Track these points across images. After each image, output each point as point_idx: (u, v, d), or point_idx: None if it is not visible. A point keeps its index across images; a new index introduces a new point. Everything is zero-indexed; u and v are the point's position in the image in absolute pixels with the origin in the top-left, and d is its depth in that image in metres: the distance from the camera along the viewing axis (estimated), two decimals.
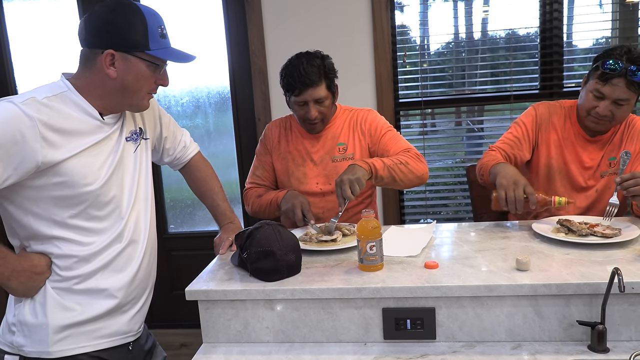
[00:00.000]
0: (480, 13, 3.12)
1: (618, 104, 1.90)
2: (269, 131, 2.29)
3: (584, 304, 1.39)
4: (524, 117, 2.15)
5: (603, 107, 1.91)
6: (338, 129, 2.18)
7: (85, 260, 1.45)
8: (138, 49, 1.40)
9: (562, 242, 1.68)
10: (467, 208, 3.28)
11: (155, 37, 1.42)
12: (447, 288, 1.41)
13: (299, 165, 2.19)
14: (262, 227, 1.59)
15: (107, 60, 1.39)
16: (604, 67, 1.87)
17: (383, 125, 2.17)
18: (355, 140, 2.17)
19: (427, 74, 3.17)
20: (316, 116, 2.06)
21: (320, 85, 2.03)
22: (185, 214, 3.51)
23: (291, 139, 2.23)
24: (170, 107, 3.35)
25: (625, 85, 1.85)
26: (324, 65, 2.05)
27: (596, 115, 1.94)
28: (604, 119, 1.93)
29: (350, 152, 2.15)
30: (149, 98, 1.51)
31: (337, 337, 1.50)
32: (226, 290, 1.50)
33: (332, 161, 2.16)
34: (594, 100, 1.93)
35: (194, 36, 3.21)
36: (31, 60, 3.37)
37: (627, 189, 1.74)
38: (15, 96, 1.34)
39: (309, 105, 2.04)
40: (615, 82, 1.86)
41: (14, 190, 1.36)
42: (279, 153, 2.23)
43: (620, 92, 1.87)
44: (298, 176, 2.18)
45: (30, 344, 1.43)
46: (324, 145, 2.18)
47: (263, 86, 3.11)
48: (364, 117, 2.19)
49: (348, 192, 1.80)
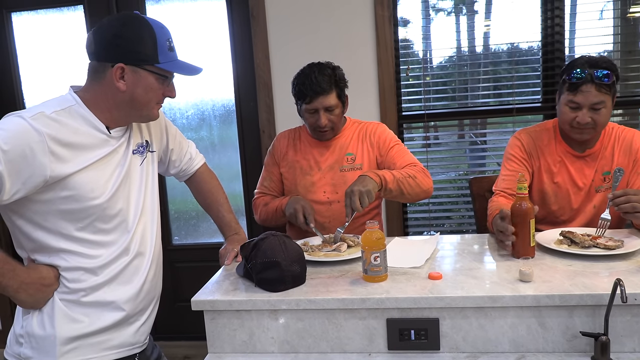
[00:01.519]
0: (482, 27, 3.15)
1: (595, 108, 1.93)
2: (278, 142, 2.33)
3: (587, 315, 1.39)
4: (511, 150, 2.17)
5: (582, 116, 1.94)
6: (347, 140, 2.23)
7: (92, 273, 1.46)
8: (147, 63, 1.43)
9: (565, 253, 1.69)
10: (470, 220, 3.29)
11: (164, 50, 1.44)
12: (451, 299, 1.42)
13: (306, 173, 2.22)
14: (268, 238, 1.60)
15: (117, 73, 1.41)
16: (571, 78, 1.93)
17: (392, 139, 2.23)
18: (364, 151, 2.21)
19: (430, 87, 3.19)
20: (326, 124, 2.11)
21: (331, 93, 2.09)
22: (189, 226, 3.52)
23: (300, 148, 2.27)
24: (176, 119, 3.37)
25: (596, 89, 1.90)
26: (335, 74, 2.12)
27: (578, 125, 1.97)
28: (587, 126, 1.96)
29: (358, 163, 2.20)
30: (158, 108, 1.54)
31: (342, 348, 1.51)
32: (232, 301, 1.52)
33: (340, 170, 2.19)
34: (572, 112, 1.97)
35: (199, 49, 3.24)
36: (39, 74, 3.40)
37: (619, 206, 1.76)
38: (24, 111, 1.36)
39: (319, 113, 2.10)
40: (584, 89, 1.91)
41: (22, 204, 1.37)
42: (286, 162, 2.27)
43: (593, 97, 1.91)
44: (305, 185, 2.21)
45: (38, 356, 1.43)
46: (332, 154, 2.22)
47: (267, 99, 3.14)
48: (374, 129, 2.25)
49: (357, 203, 1.82)
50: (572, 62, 1.98)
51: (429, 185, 2.07)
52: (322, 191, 2.20)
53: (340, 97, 2.14)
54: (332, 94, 2.10)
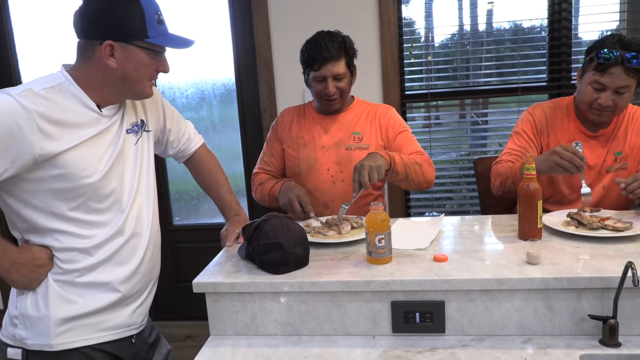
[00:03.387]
0: (485, 5, 3.09)
1: (619, 92, 1.88)
2: (282, 117, 2.29)
3: (596, 298, 1.37)
4: (523, 125, 2.12)
5: (605, 98, 1.89)
6: (354, 118, 2.18)
7: (86, 253, 1.44)
8: (137, 38, 1.38)
9: (572, 235, 1.66)
10: (472, 201, 3.27)
11: (153, 24, 1.40)
12: (457, 281, 1.40)
13: (310, 150, 2.17)
14: (270, 220, 1.57)
15: (106, 51, 1.37)
16: (599, 57, 1.86)
17: (401, 124, 2.18)
18: (372, 132, 2.16)
19: (432, 67, 3.14)
20: (334, 92, 2.07)
21: (340, 61, 2.04)
22: (190, 207, 3.50)
23: (304, 124, 2.22)
24: (175, 99, 3.33)
25: (624, 72, 1.84)
26: (345, 42, 2.07)
27: (598, 107, 1.92)
28: (607, 109, 1.92)
29: (365, 143, 2.14)
30: (151, 85, 1.50)
31: (346, 331, 1.49)
32: (234, 283, 1.49)
33: (345, 149, 2.14)
34: (594, 93, 1.91)
35: (199, 28, 3.19)
36: (36, 53, 3.35)
37: (633, 192, 1.73)
38: (11, 88, 1.33)
39: (327, 80, 2.05)
40: (613, 71, 1.85)
41: (13, 182, 1.34)
42: (290, 138, 2.22)
43: (621, 80, 1.85)
44: (309, 161, 2.16)
45: (33, 337, 1.42)
46: (338, 131, 2.17)
47: (269, 78, 3.09)
48: (384, 112, 2.20)
49: (366, 177, 1.77)
50: (602, 40, 1.90)
51: (432, 176, 2.05)
52: (326, 168, 2.15)
53: (349, 66, 2.09)
54: (342, 61, 2.05)
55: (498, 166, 2.09)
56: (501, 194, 2.08)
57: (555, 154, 1.77)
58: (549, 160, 1.79)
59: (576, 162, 1.74)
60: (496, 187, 2.09)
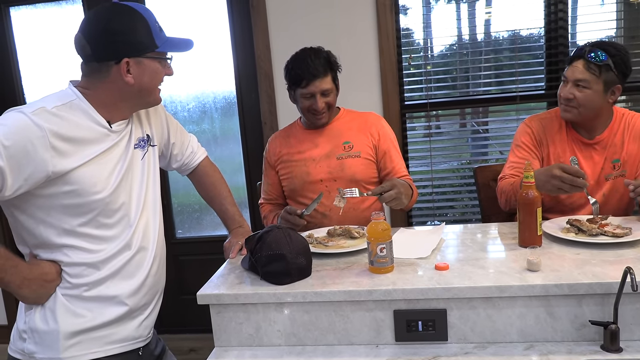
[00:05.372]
0: (483, 14, 3.12)
1: (578, 85, 1.93)
2: (270, 145, 2.33)
3: (596, 303, 1.38)
4: (522, 137, 2.14)
5: (565, 90, 1.97)
6: (342, 128, 2.21)
7: (94, 268, 1.45)
8: (149, 50, 1.43)
9: (572, 242, 1.68)
10: (474, 210, 3.28)
11: (158, 34, 1.44)
12: (458, 289, 1.41)
13: (301, 165, 2.20)
14: (272, 231, 1.59)
15: (124, 69, 1.40)
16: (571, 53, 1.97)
17: (391, 138, 2.24)
18: (363, 140, 2.19)
19: (431, 76, 3.17)
20: (323, 107, 2.11)
21: (327, 77, 2.09)
22: (192, 219, 3.52)
23: (293, 143, 2.25)
24: (177, 112, 3.36)
25: (583, 66, 1.91)
26: (329, 57, 2.12)
27: (562, 101, 1.99)
28: (569, 103, 1.97)
29: (356, 151, 2.18)
30: (159, 91, 1.54)
31: (349, 340, 1.50)
32: (237, 294, 1.51)
33: (337, 159, 2.17)
34: (562, 86, 2.00)
35: (199, 41, 3.20)
36: (39, 68, 3.38)
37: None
38: (25, 106, 1.35)
39: (315, 97, 2.08)
40: (575, 64, 1.94)
41: (25, 199, 1.36)
42: (282, 162, 2.25)
43: (579, 73, 1.92)
44: (302, 176, 2.19)
45: (42, 351, 1.43)
46: (327, 143, 2.20)
47: (269, 90, 3.11)
48: (375, 121, 2.25)
49: (387, 200, 1.82)
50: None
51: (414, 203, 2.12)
52: (319, 180, 2.17)
53: (334, 81, 2.13)
54: (328, 77, 2.09)
55: (502, 183, 2.10)
56: (509, 210, 2.10)
57: (556, 179, 1.75)
58: (551, 184, 1.77)
59: (578, 183, 1.74)
60: (503, 204, 2.10)
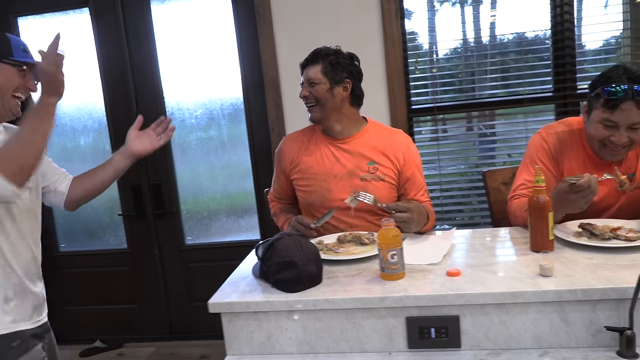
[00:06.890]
0: (488, 17, 3.11)
1: (633, 128, 1.76)
2: (285, 146, 2.22)
3: (611, 309, 1.37)
4: (537, 153, 2.00)
5: (619, 136, 1.77)
6: (367, 146, 2.08)
7: None
8: (3, 57, 1.59)
9: (585, 246, 1.66)
10: (482, 213, 3.27)
11: (18, 50, 1.62)
12: (471, 296, 1.40)
13: (322, 181, 2.08)
14: (283, 238, 1.59)
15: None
16: (606, 93, 1.74)
17: (417, 164, 2.12)
18: (388, 164, 2.08)
19: (438, 80, 3.17)
20: (305, 95, 2.06)
21: (316, 66, 2.04)
22: (201, 226, 3.52)
23: (313, 152, 2.12)
24: (185, 119, 3.37)
25: (636, 106, 1.72)
26: (335, 53, 2.06)
27: (612, 145, 1.80)
28: (624, 146, 1.80)
29: (381, 174, 2.06)
30: (17, 104, 1.65)
31: (361, 347, 1.49)
32: (249, 302, 1.51)
33: (360, 180, 2.05)
34: (606, 130, 1.79)
35: (205, 48, 3.23)
36: None
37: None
38: None
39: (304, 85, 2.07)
40: (624, 107, 1.72)
41: None
42: (299, 171, 2.14)
43: (634, 116, 1.73)
44: (322, 192, 2.08)
45: None
46: (350, 159, 2.08)
47: (276, 96, 3.12)
48: (402, 143, 2.11)
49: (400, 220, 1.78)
50: (607, 74, 1.79)
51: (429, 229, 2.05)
52: (340, 198, 2.01)
53: (326, 74, 2.02)
54: (317, 67, 2.03)
55: (513, 205, 2.00)
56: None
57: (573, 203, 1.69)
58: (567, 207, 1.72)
59: (590, 198, 1.67)
60: (519, 225, 1.99)
